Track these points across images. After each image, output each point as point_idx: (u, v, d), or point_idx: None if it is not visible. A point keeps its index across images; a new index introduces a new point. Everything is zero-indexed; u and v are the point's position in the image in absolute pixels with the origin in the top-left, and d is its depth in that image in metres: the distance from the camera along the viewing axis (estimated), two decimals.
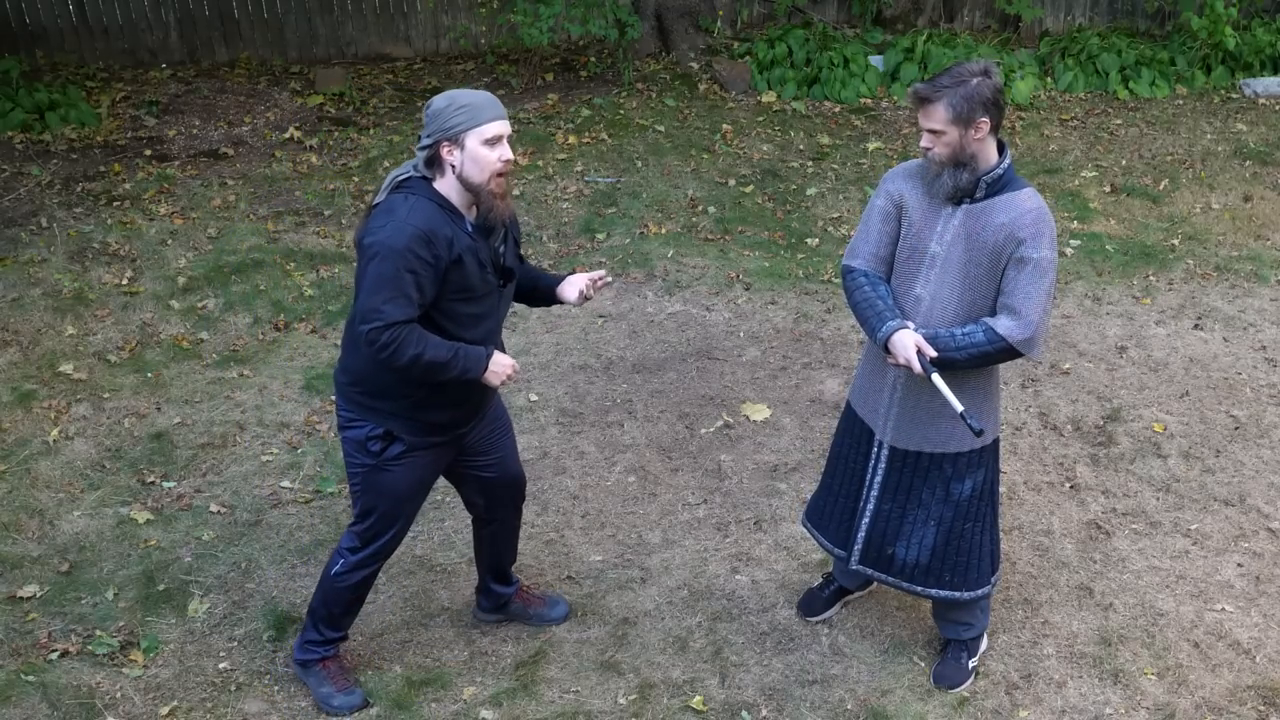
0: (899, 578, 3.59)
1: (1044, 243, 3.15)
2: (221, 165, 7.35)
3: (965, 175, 3.16)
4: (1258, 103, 8.50)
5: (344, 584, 3.53)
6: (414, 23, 9.36)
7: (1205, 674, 3.80)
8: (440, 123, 3.06)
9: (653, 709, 3.67)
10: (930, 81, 3.12)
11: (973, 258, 3.21)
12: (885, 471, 3.50)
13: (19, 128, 7.70)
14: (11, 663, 3.81)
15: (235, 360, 5.53)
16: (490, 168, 3.08)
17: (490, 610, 3.99)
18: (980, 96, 3.08)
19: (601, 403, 5.23)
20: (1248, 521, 4.49)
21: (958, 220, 3.22)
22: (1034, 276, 3.15)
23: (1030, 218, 3.15)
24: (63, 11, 8.82)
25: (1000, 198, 3.18)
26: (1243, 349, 5.63)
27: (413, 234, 3.01)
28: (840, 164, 7.50)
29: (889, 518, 3.53)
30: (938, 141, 3.13)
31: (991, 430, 3.44)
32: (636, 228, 6.70)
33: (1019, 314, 3.15)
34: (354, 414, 3.31)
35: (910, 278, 3.31)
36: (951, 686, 3.71)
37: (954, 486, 3.46)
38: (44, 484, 4.68)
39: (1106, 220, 6.88)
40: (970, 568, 3.55)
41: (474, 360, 3.18)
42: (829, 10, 9.73)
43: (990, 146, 3.17)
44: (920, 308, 3.29)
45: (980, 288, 3.23)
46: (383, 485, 3.36)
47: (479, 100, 3.08)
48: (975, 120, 3.09)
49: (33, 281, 6.00)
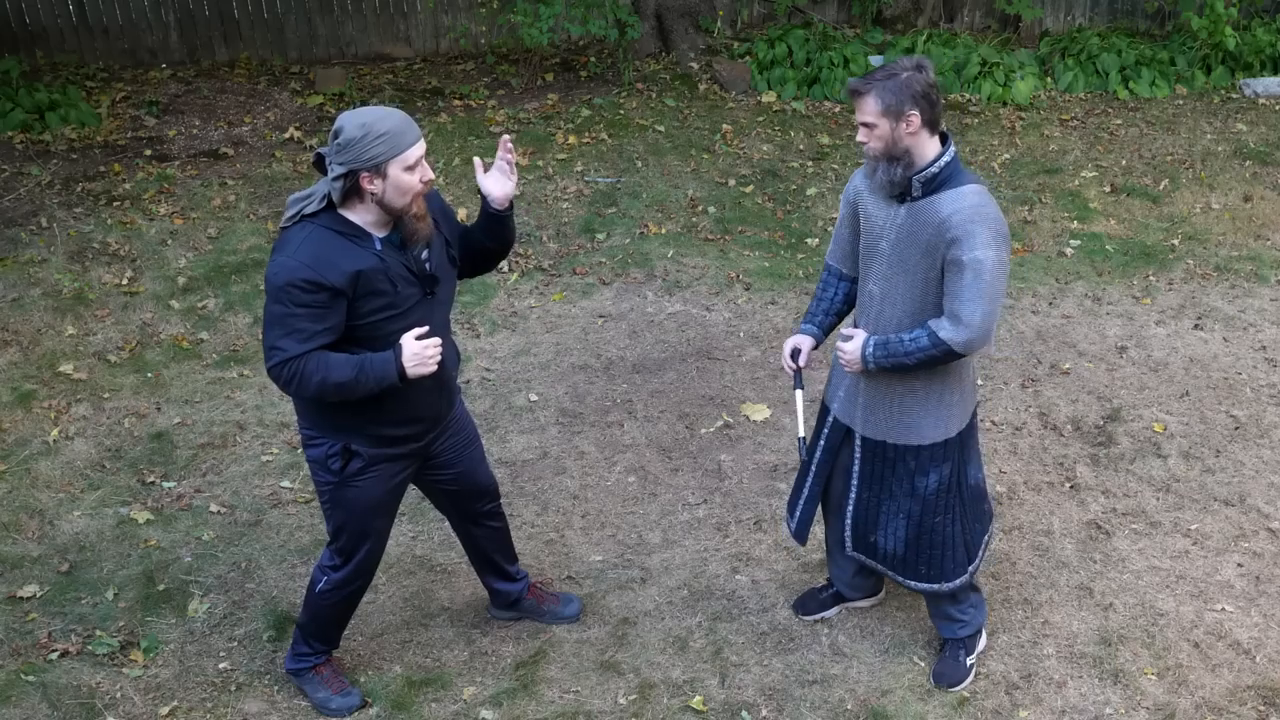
0: (884, 565, 3.65)
1: (978, 242, 3.12)
2: (221, 165, 7.35)
3: (899, 170, 3.18)
4: (1258, 103, 8.50)
5: (329, 601, 3.52)
6: (414, 23, 9.36)
7: (1205, 674, 3.80)
8: (357, 153, 2.92)
9: (653, 709, 3.67)
10: (863, 76, 3.16)
11: (913, 255, 3.24)
12: (861, 460, 3.56)
13: (19, 128, 7.70)
14: (11, 663, 3.81)
15: (235, 360, 5.53)
16: (413, 191, 3.00)
17: (503, 608, 3.98)
18: (911, 89, 3.10)
19: (601, 403, 5.23)
20: (1248, 521, 4.49)
21: (901, 218, 3.25)
22: (971, 279, 3.14)
23: (961, 217, 3.12)
24: (63, 11, 8.82)
25: (941, 195, 3.18)
26: (1243, 349, 5.63)
27: (293, 271, 2.93)
28: (840, 164, 7.50)
29: (868, 505, 3.59)
30: (871, 135, 3.17)
31: (956, 424, 3.46)
32: (636, 228, 6.70)
33: (958, 319, 3.18)
34: (313, 431, 3.28)
35: (867, 273, 3.40)
36: (951, 685, 3.71)
37: (918, 480, 3.49)
38: (44, 484, 4.69)
39: (1106, 220, 6.88)
40: (945, 559, 3.58)
41: (381, 366, 3.05)
42: (829, 10, 9.73)
43: (926, 143, 3.17)
44: (873, 303, 3.37)
45: (925, 285, 3.26)
46: (349, 501, 3.33)
47: (396, 125, 2.94)
48: (905, 113, 3.11)
49: (33, 281, 6.00)
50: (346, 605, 3.56)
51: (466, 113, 8.12)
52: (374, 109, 2.99)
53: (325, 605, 3.52)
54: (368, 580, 3.54)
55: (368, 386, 3.06)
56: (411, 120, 3.02)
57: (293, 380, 3.01)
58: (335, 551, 3.44)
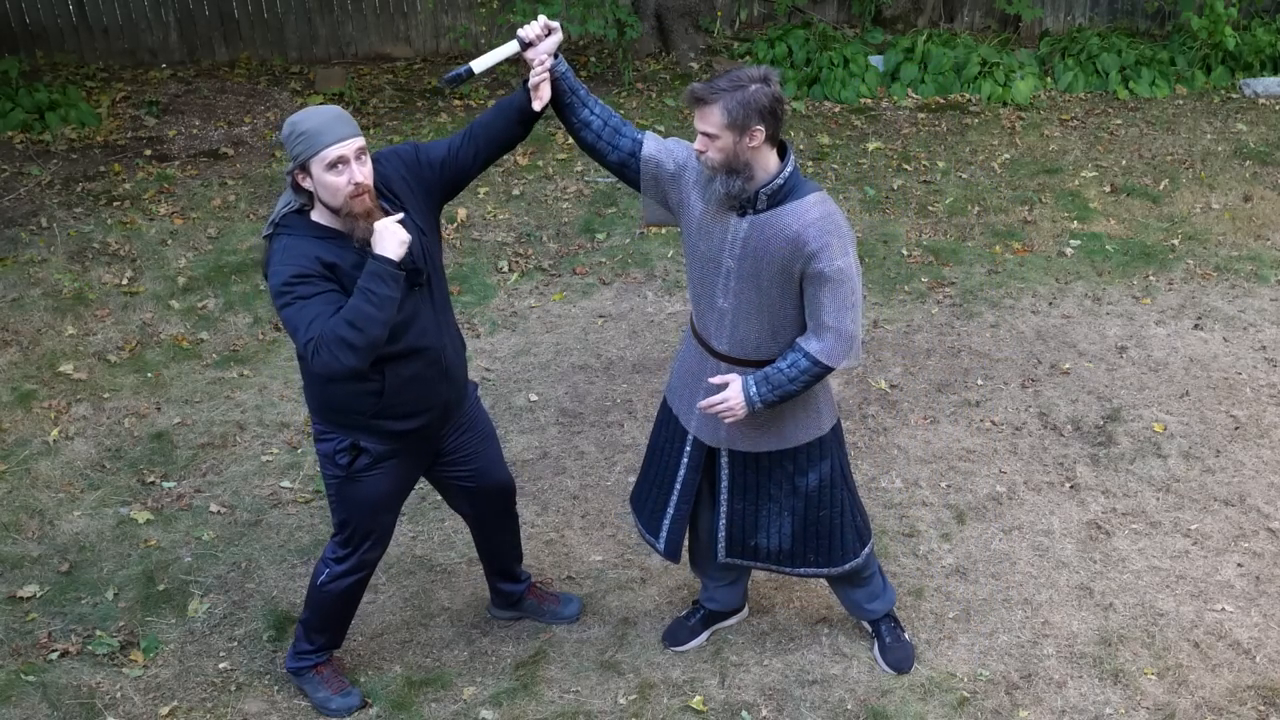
0: (767, 563, 3.61)
1: (835, 252, 3.07)
2: (221, 165, 7.36)
3: (738, 183, 3.07)
4: (1258, 103, 8.50)
5: (331, 592, 3.51)
6: (414, 23, 9.36)
7: (1205, 674, 3.80)
8: (289, 151, 2.97)
9: (653, 709, 3.67)
10: (708, 83, 3.03)
11: (763, 271, 3.14)
12: (730, 475, 3.48)
13: (19, 128, 7.70)
14: (11, 663, 3.82)
15: (235, 360, 5.53)
16: (340, 191, 2.97)
17: (503, 608, 3.99)
18: (757, 104, 2.98)
19: (601, 403, 5.23)
20: (1248, 521, 4.49)
21: (744, 232, 3.14)
22: (835, 289, 3.10)
23: (815, 229, 3.06)
24: (63, 11, 8.82)
25: (785, 207, 3.10)
26: (1243, 349, 5.63)
27: (283, 272, 2.97)
28: (840, 164, 7.50)
29: (744, 514, 3.52)
30: (711, 146, 3.04)
31: (828, 419, 3.42)
32: (636, 228, 6.70)
33: (833, 331, 3.13)
34: (323, 427, 3.30)
35: (712, 290, 3.25)
36: (908, 663, 3.78)
37: (799, 480, 3.45)
38: (44, 484, 4.69)
39: (1106, 220, 6.88)
40: (834, 547, 3.56)
41: (371, 270, 2.96)
42: (829, 10, 9.73)
43: (768, 156, 3.08)
44: (726, 320, 3.26)
45: (779, 299, 3.18)
46: (355, 496, 3.35)
47: (316, 123, 2.94)
48: (750, 128, 2.99)
49: (33, 281, 6.00)
50: (348, 598, 3.56)
51: (466, 113, 8.12)
52: (311, 108, 3.01)
53: (328, 598, 3.52)
54: (369, 573, 3.54)
55: (380, 296, 2.94)
56: (344, 119, 2.98)
57: (320, 349, 2.93)
58: (340, 544, 3.46)
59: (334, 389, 3.20)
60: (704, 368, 3.37)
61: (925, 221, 6.81)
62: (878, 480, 4.71)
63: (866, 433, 5.00)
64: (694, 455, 3.51)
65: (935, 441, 4.94)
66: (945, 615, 4.03)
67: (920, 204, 7.00)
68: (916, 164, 7.49)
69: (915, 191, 7.15)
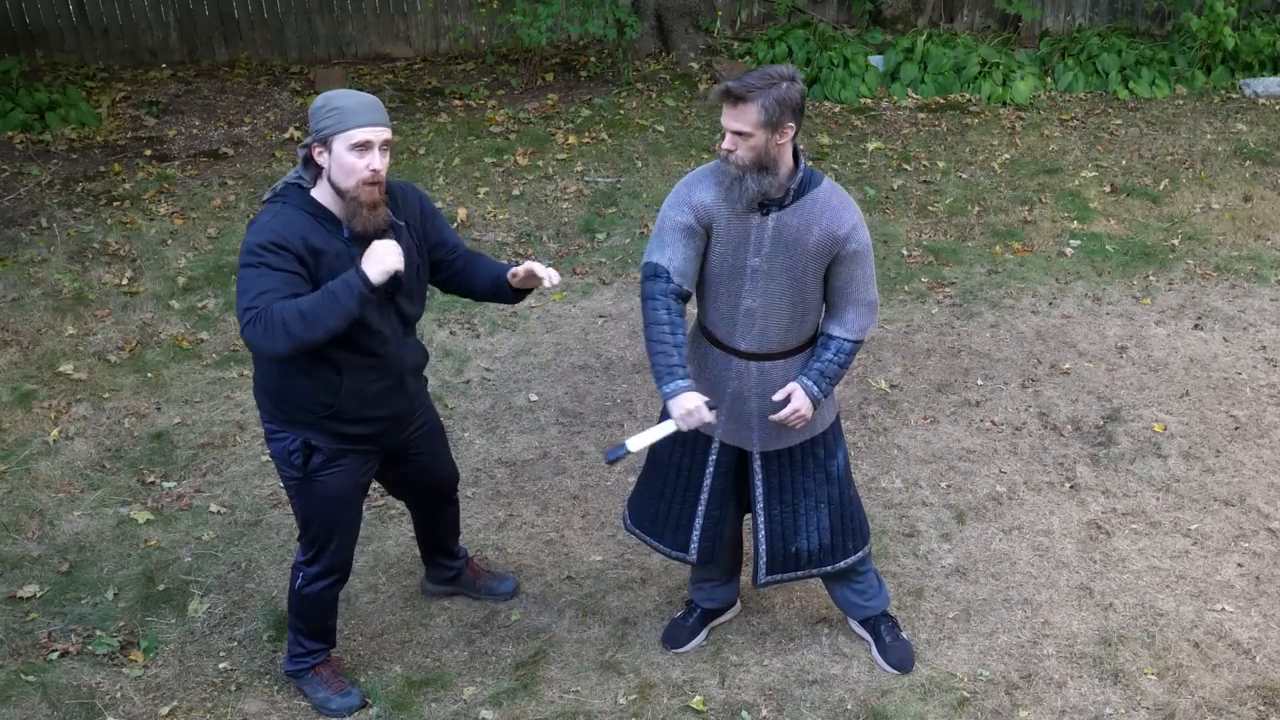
0: (808, 568, 3.63)
1: (861, 230, 3.22)
2: (221, 165, 7.36)
3: (768, 180, 3.10)
4: (1258, 103, 8.50)
5: (309, 596, 3.52)
6: (414, 23, 9.37)
7: (1205, 674, 3.80)
8: (314, 124, 2.99)
9: (653, 709, 3.67)
10: (740, 80, 3.04)
11: (797, 263, 3.20)
12: (764, 478, 3.50)
13: (19, 128, 7.71)
14: (11, 663, 3.82)
15: (235, 360, 5.52)
16: (356, 174, 2.98)
17: (438, 583, 4.04)
18: (790, 101, 3.03)
19: (601, 403, 5.23)
20: (1248, 521, 4.49)
21: (771, 230, 3.18)
22: (864, 264, 3.26)
23: (845, 213, 3.18)
24: (63, 11, 8.83)
25: (806, 199, 3.17)
26: (1243, 349, 5.63)
27: (262, 235, 2.96)
28: (840, 164, 7.50)
29: (782, 520, 3.55)
30: (742, 144, 3.06)
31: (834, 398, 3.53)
32: (636, 228, 6.70)
33: (865, 304, 3.28)
34: (274, 426, 3.30)
35: (735, 293, 3.27)
36: (909, 662, 3.78)
37: (830, 464, 3.52)
38: (44, 484, 4.69)
39: (1106, 220, 6.89)
40: (859, 525, 3.66)
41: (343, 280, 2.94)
42: (829, 10, 9.73)
43: (788, 152, 3.14)
44: (755, 320, 3.29)
45: (807, 288, 3.26)
46: (314, 495, 3.35)
47: (352, 104, 2.97)
48: (783, 125, 3.04)
49: (33, 281, 6.00)
50: (324, 598, 3.54)
51: (466, 113, 8.12)
52: (349, 91, 3.03)
53: (307, 601, 3.53)
54: (345, 574, 3.53)
55: (340, 307, 2.92)
56: (379, 108, 3.01)
57: (257, 322, 2.88)
58: (306, 544, 3.46)
59: (292, 385, 3.20)
60: (729, 369, 3.39)
61: (925, 221, 6.81)
62: (878, 480, 4.71)
63: (866, 433, 5.00)
64: (722, 461, 3.51)
65: (935, 441, 4.94)
66: (945, 615, 4.03)
67: (920, 204, 7.00)
68: (916, 164, 7.49)
69: (915, 191, 7.15)
